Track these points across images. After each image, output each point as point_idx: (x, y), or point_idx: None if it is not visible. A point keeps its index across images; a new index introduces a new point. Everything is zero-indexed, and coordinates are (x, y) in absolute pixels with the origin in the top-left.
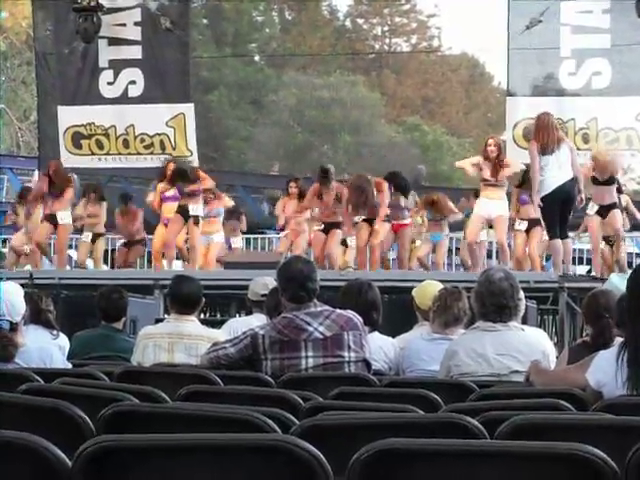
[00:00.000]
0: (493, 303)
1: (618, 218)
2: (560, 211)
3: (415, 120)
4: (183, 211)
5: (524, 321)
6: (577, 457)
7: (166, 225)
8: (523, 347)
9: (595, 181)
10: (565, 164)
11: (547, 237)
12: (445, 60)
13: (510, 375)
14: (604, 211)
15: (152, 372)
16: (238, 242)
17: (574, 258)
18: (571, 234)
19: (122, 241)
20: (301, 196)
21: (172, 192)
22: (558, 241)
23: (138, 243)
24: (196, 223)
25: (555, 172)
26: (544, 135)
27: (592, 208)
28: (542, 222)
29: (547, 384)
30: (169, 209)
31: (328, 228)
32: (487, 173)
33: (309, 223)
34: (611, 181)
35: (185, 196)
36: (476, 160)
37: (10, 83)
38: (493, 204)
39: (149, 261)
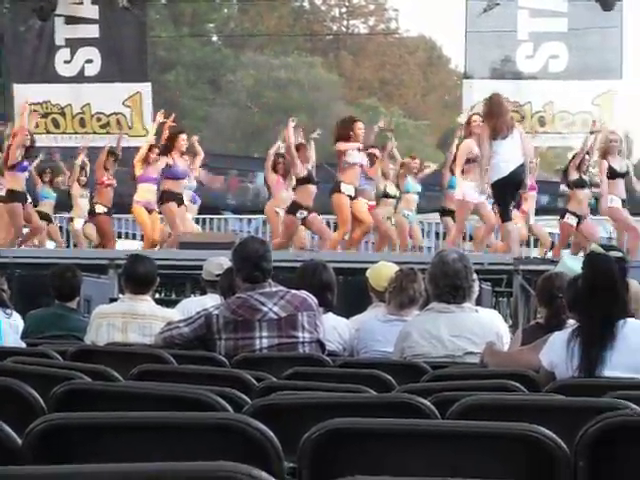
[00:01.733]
0: (447, 284)
1: None
2: (504, 195)
3: (372, 102)
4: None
5: (479, 303)
6: (527, 437)
7: (149, 210)
8: (477, 328)
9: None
10: (517, 149)
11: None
12: (403, 42)
13: (464, 356)
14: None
15: (105, 351)
16: None
17: (528, 241)
18: None
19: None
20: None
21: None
22: (512, 224)
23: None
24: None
25: (508, 157)
26: (498, 119)
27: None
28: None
29: (501, 365)
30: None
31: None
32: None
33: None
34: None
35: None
36: (467, 148)
37: None
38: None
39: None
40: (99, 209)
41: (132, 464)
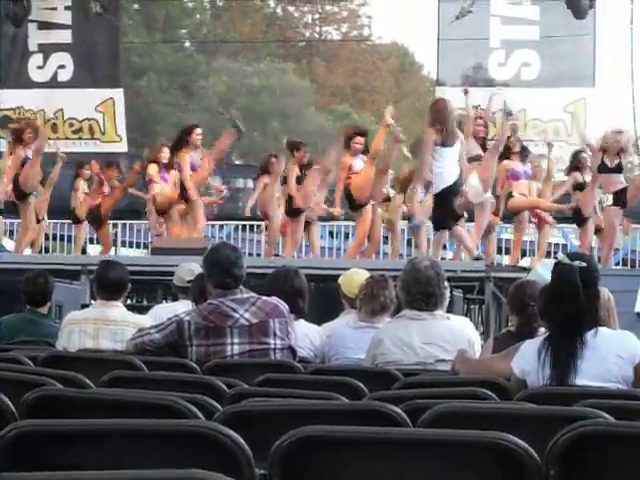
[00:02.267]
0: (419, 291)
1: None
2: (448, 204)
3: (345, 108)
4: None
5: (450, 310)
6: (498, 446)
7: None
8: (449, 336)
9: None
10: (458, 158)
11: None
12: (375, 49)
13: (436, 364)
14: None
15: (77, 357)
16: None
17: (500, 248)
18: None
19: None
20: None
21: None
22: (446, 232)
23: None
24: None
25: (454, 165)
26: (447, 125)
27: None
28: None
29: (472, 373)
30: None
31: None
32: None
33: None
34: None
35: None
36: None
37: None
38: None
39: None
40: None
41: (103, 472)
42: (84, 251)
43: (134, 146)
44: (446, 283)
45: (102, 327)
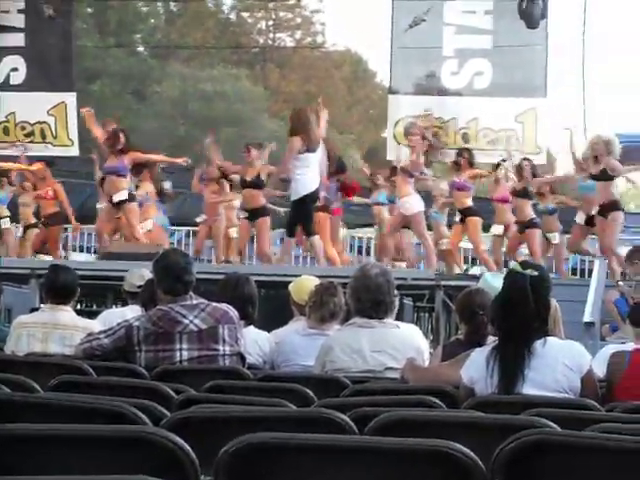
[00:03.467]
0: (369, 299)
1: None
2: (309, 211)
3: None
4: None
5: (400, 318)
6: (444, 454)
7: None
8: (398, 344)
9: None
10: (319, 165)
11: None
12: (329, 56)
13: (385, 372)
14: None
15: (25, 362)
16: None
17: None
18: None
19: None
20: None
21: None
22: (318, 238)
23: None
24: None
25: (315, 172)
26: (311, 132)
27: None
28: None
29: (421, 380)
30: None
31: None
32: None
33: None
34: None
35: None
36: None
37: None
38: None
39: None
40: None
41: (49, 477)
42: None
43: (86, 151)
44: (396, 291)
45: (51, 331)
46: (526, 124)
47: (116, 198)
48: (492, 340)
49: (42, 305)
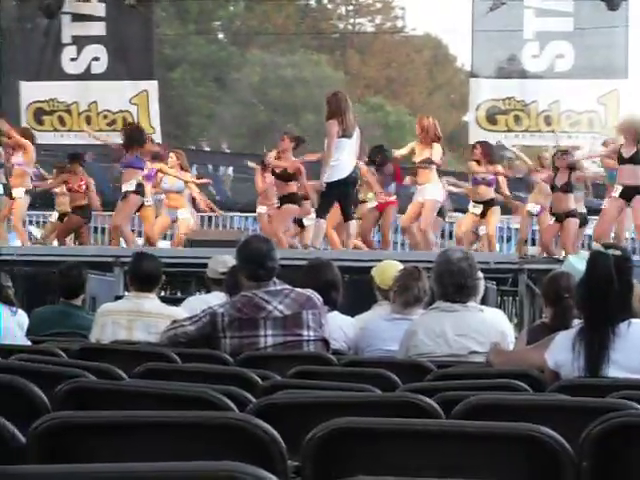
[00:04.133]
0: (452, 283)
1: None
2: (346, 195)
3: (378, 100)
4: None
5: (484, 302)
6: (531, 437)
7: None
8: (482, 328)
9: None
10: (355, 148)
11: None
12: (409, 41)
13: (469, 356)
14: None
15: (110, 349)
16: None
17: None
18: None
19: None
20: None
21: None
22: (324, 222)
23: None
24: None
25: (351, 156)
26: (346, 117)
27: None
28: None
29: (506, 364)
30: None
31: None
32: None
33: None
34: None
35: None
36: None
37: None
38: None
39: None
40: None
41: (136, 463)
42: None
43: (167, 138)
44: (480, 274)
45: (136, 319)
46: (608, 106)
47: (125, 188)
48: (577, 323)
49: (126, 293)
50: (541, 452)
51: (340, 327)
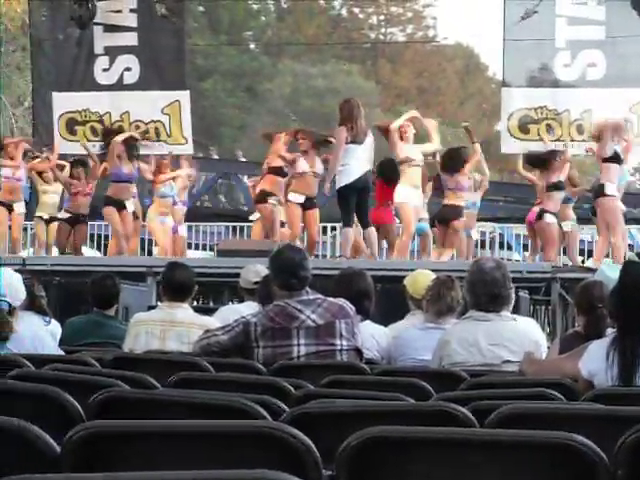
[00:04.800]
0: (485, 293)
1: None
2: (358, 201)
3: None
4: None
5: (516, 311)
6: (566, 446)
7: None
8: (515, 337)
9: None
10: (367, 154)
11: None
12: (440, 50)
13: (502, 365)
14: None
15: (144, 359)
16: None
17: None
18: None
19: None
20: None
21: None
22: (350, 230)
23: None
24: None
25: (360, 162)
26: (355, 123)
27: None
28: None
29: (539, 374)
30: None
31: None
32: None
33: None
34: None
35: None
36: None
37: (4, 69)
38: None
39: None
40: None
41: (170, 472)
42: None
43: (199, 149)
44: (512, 284)
45: (169, 328)
46: None
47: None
48: (611, 332)
49: (159, 303)
50: (577, 461)
51: (372, 336)
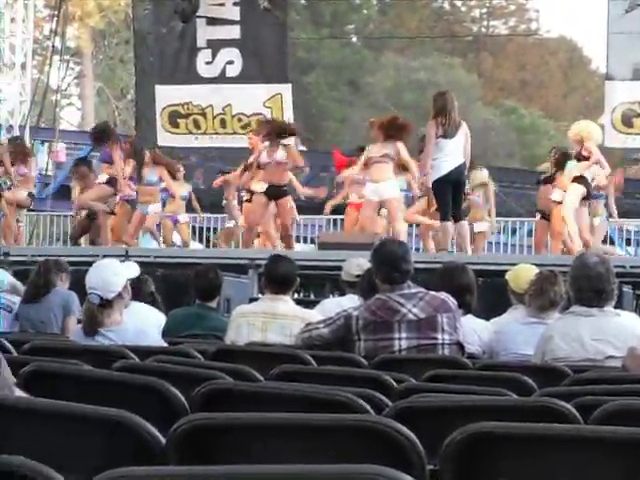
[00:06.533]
0: (589, 288)
1: None
2: (452, 194)
3: (512, 103)
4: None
5: (620, 306)
6: None
7: None
8: (619, 332)
9: None
10: (459, 149)
11: None
12: (543, 43)
13: (605, 360)
14: None
15: (246, 351)
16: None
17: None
18: None
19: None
20: None
21: None
22: (449, 223)
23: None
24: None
25: (450, 157)
26: (447, 117)
27: None
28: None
29: None
30: None
31: None
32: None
33: None
34: None
35: None
36: None
37: (108, 61)
38: None
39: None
40: None
41: (275, 465)
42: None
43: (301, 142)
44: (615, 279)
45: (271, 321)
46: None
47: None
48: None
49: (261, 295)
50: None
51: (474, 331)
